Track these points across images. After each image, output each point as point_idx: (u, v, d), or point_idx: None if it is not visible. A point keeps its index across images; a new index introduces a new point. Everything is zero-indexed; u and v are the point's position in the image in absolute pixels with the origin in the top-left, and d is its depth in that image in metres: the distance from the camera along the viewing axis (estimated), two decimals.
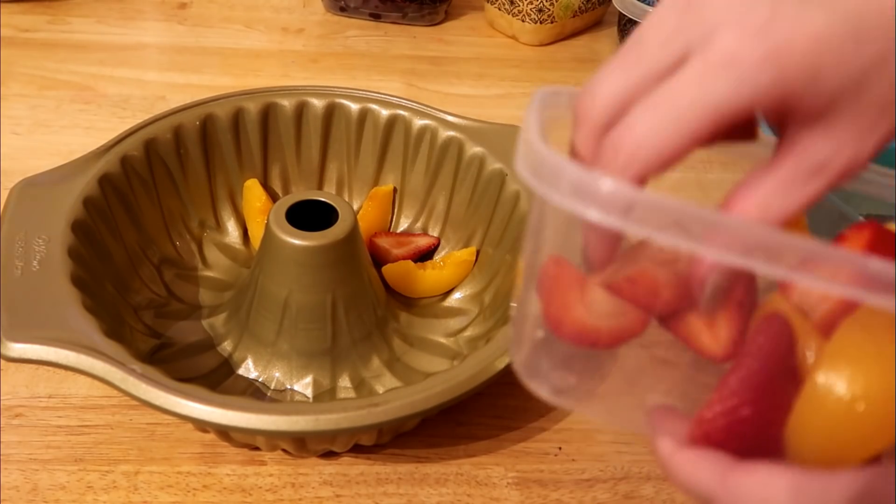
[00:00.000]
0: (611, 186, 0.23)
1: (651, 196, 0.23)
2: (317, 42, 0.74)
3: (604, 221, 0.23)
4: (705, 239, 0.23)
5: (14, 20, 0.72)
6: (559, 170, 0.23)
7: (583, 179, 0.23)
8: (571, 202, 0.23)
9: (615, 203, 0.23)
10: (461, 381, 0.36)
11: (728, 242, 0.23)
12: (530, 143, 0.25)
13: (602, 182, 0.23)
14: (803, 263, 0.22)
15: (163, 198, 0.48)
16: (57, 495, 0.38)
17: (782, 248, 0.23)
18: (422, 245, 0.51)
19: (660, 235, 0.23)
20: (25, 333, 0.36)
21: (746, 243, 0.23)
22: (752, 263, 0.23)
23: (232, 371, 0.43)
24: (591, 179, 0.23)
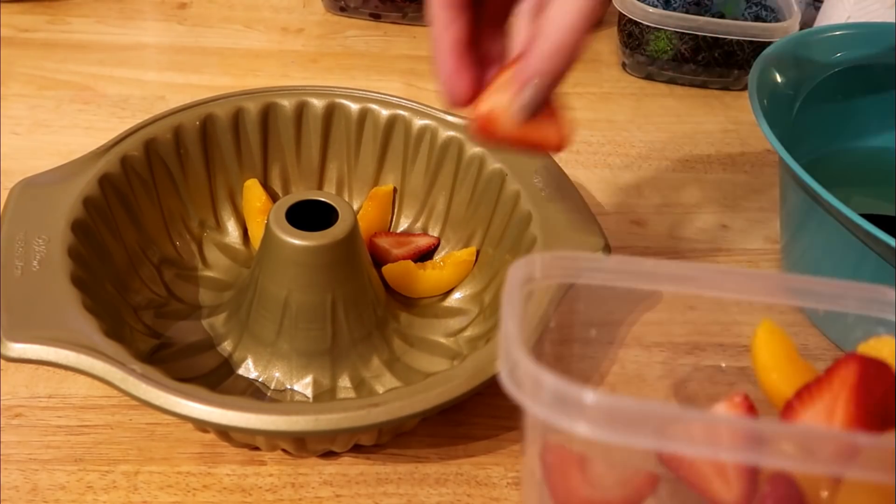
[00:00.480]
0: (593, 399, 0.23)
1: (634, 403, 0.23)
2: (316, 42, 0.74)
3: (592, 436, 0.23)
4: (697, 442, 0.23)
5: (14, 20, 0.72)
6: (540, 381, 0.24)
7: (565, 392, 0.23)
8: (556, 416, 0.23)
9: (598, 415, 0.23)
10: (461, 381, 0.36)
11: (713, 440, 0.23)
12: (512, 354, 0.25)
13: (585, 395, 0.23)
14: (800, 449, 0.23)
15: (163, 198, 0.48)
16: (57, 495, 0.38)
17: (773, 438, 0.23)
18: (422, 245, 0.51)
19: (644, 441, 0.23)
20: (25, 333, 0.36)
21: (735, 439, 0.23)
22: (743, 457, 0.23)
23: (232, 371, 0.43)
24: (574, 392, 0.23)
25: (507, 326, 0.26)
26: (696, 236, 0.57)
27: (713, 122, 0.68)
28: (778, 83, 0.53)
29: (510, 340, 0.25)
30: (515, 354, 0.25)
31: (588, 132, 0.65)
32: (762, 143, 0.64)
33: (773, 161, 0.64)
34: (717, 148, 0.65)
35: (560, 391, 0.23)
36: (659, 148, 0.65)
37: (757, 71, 0.51)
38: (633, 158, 0.63)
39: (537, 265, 0.31)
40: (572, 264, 0.31)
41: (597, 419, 0.23)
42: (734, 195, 0.60)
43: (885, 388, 0.28)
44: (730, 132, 0.67)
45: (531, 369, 0.24)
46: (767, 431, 0.23)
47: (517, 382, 0.24)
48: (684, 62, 0.70)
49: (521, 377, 0.24)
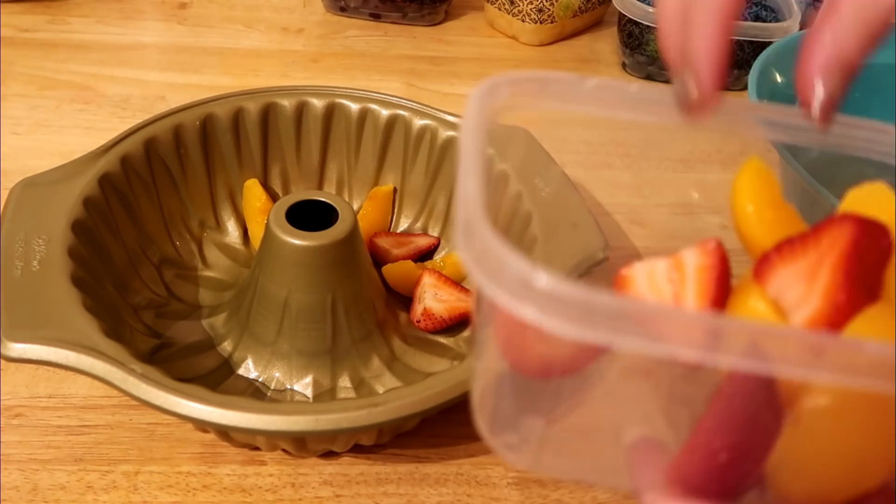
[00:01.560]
0: (547, 282, 0.21)
1: (592, 295, 0.21)
2: (317, 42, 0.74)
3: (541, 322, 0.21)
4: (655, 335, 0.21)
5: (14, 20, 0.72)
6: (494, 256, 0.21)
7: (523, 273, 0.21)
8: (511, 299, 0.21)
9: (552, 301, 0.21)
10: (461, 381, 0.36)
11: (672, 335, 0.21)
12: (471, 222, 0.22)
13: (538, 277, 0.21)
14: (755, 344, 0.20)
15: (163, 198, 0.48)
16: (57, 495, 0.38)
17: (732, 333, 0.21)
18: (422, 245, 0.51)
19: (597, 335, 0.21)
20: (25, 333, 0.36)
21: (693, 335, 0.21)
22: (702, 355, 0.21)
23: (232, 371, 0.43)
24: (528, 273, 0.21)
25: (466, 184, 0.23)
26: (697, 236, 0.56)
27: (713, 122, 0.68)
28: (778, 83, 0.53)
29: (469, 204, 0.22)
30: (472, 216, 0.22)
31: (588, 132, 0.65)
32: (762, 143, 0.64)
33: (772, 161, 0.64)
34: (717, 148, 0.65)
35: (514, 270, 0.21)
36: (659, 148, 0.65)
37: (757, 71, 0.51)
38: (633, 158, 0.63)
39: (502, 90, 0.27)
40: (543, 88, 0.28)
41: (547, 305, 0.21)
42: None
43: (879, 256, 0.25)
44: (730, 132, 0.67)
45: (488, 241, 0.21)
46: (728, 328, 0.21)
47: (470, 248, 0.22)
48: None
49: (475, 245, 0.22)
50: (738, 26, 0.27)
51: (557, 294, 0.20)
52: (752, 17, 0.71)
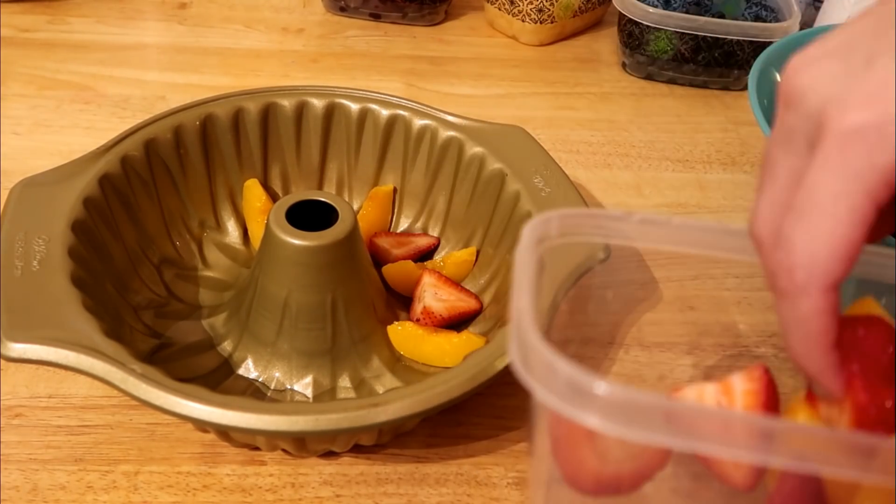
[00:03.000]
0: (605, 390, 0.22)
1: (648, 397, 0.22)
2: (317, 42, 0.74)
3: (602, 429, 0.22)
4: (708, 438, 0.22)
5: (14, 20, 0.72)
6: (553, 369, 0.22)
7: (577, 380, 0.22)
8: (567, 406, 0.22)
9: (610, 407, 0.22)
10: (461, 381, 0.36)
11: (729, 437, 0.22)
12: (524, 335, 0.23)
13: (596, 385, 0.22)
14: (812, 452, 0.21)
15: (163, 198, 0.48)
16: (57, 495, 0.38)
17: (784, 437, 0.22)
18: (422, 245, 0.51)
19: (655, 437, 0.22)
20: (25, 333, 0.36)
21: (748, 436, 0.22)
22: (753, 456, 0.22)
23: (232, 371, 0.43)
24: (586, 381, 0.22)
25: (519, 299, 0.24)
26: None
27: (713, 122, 0.68)
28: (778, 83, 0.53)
29: (522, 317, 0.24)
30: (528, 336, 0.23)
31: (588, 132, 0.65)
32: (762, 143, 0.64)
33: None
34: (717, 148, 0.65)
35: (573, 380, 0.22)
36: (659, 148, 0.65)
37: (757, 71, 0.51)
38: (633, 158, 0.63)
39: (553, 223, 0.29)
40: (591, 222, 0.29)
41: (608, 411, 0.22)
42: (734, 195, 0.60)
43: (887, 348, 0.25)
44: (730, 132, 0.67)
45: (544, 354, 0.22)
46: (779, 430, 0.22)
47: (528, 366, 0.23)
48: (684, 62, 0.70)
49: (531, 361, 0.23)
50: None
51: (617, 400, 0.21)
52: (752, 17, 0.71)
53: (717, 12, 0.71)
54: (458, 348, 0.43)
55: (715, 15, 0.70)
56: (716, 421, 0.22)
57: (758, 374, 0.28)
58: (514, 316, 0.25)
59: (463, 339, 0.44)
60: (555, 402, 0.22)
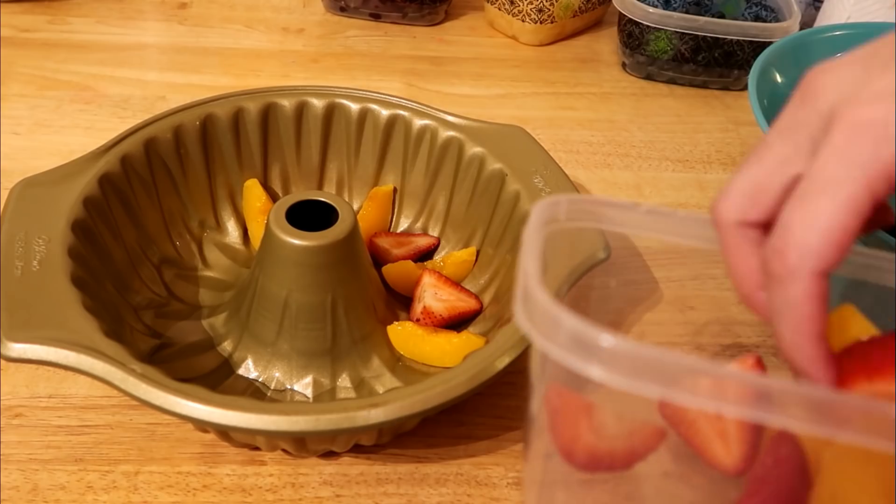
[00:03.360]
0: (611, 342, 0.22)
1: (651, 351, 0.22)
2: (317, 42, 0.74)
3: (605, 380, 0.22)
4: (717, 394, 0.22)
5: (14, 20, 0.72)
6: (557, 321, 0.23)
7: (583, 333, 0.22)
8: (570, 357, 0.23)
9: (615, 360, 0.22)
10: (461, 381, 0.36)
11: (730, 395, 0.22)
12: (530, 291, 0.24)
13: (602, 337, 0.22)
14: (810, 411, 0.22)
15: (163, 198, 0.48)
16: (57, 495, 0.38)
17: (783, 397, 0.22)
18: (422, 245, 0.51)
19: (662, 390, 0.22)
20: (25, 333, 0.36)
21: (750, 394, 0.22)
22: (750, 413, 0.22)
23: (232, 371, 0.43)
24: (591, 334, 0.22)
25: (526, 264, 0.25)
26: None
27: (713, 122, 0.68)
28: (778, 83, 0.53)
29: (528, 277, 0.24)
30: (533, 291, 0.24)
31: (588, 132, 0.65)
32: None
33: None
34: (717, 148, 0.65)
35: (577, 332, 0.22)
36: (659, 148, 0.65)
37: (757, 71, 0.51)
38: (633, 158, 0.63)
39: (562, 206, 0.29)
40: (599, 209, 0.30)
41: (612, 364, 0.22)
42: None
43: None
44: (730, 132, 0.67)
45: (548, 306, 0.23)
46: (774, 388, 0.22)
47: (532, 319, 0.24)
48: (684, 62, 0.70)
49: (536, 314, 0.23)
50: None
51: (621, 352, 0.22)
52: (752, 17, 0.71)
53: (717, 12, 0.71)
54: (458, 348, 0.43)
55: (715, 15, 0.70)
56: (713, 377, 0.22)
57: (750, 364, 0.29)
58: (520, 277, 0.25)
59: (463, 339, 0.44)
60: (559, 353, 0.23)
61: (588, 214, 0.30)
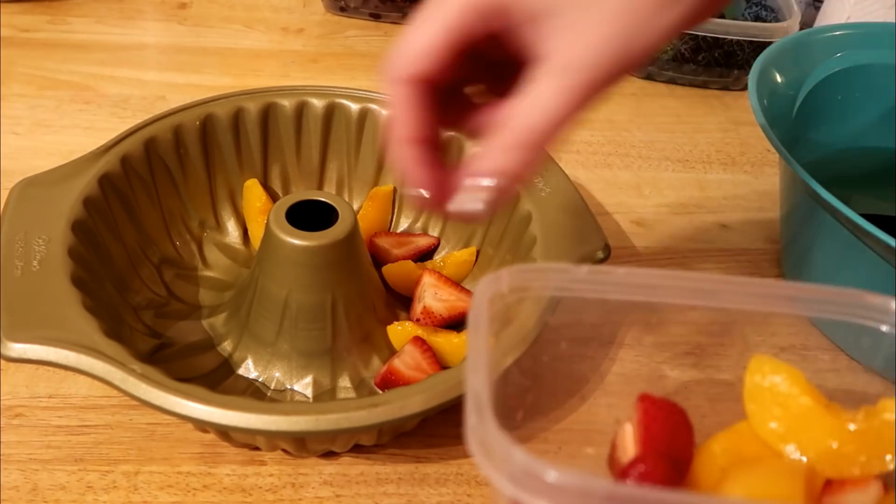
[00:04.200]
0: (555, 477, 0.23)
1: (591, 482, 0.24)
2: (317, 42, 0.74)
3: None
4: None
5: (14, 20, 0.72)
6: (508, 454, 0.24)
7: (531, 467, 0.23)
8: (520, 491, 0.24)
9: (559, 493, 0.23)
10: (461, 381, 0.36)
11: None
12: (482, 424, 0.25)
13: (548, 473, 0.23)
14: None
15: (163, 198, 0.48)
16: (57, 495, 0.38)
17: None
18: (422, 245, 0.51)
19: None
20: (25, 333, 0.36)
21: None
22: None
23: (232, 371, 0.43)
24: (538, 469, 0.23)
25: (475, 381, 0.26)
26: (696, 236, 0.57)
27: (713, 122, 0.68)
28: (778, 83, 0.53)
29: (480, 400, 0.25)
30: (485, 424, 0.25)
31: (588, 132, 0.65)
32: (762, 143, 0.64)
33: (773, 161, 0.64)
34: (717, 148, 0.65)
35: (527, 467, 0.24)
36: (659, 148, 0.65)
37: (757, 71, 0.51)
38: (633, 158, 0.63)
39: (504, 280, 0.30)
40: (541, 276, 0.31)
41: (558, 496, 0.23)
42: (734, 195, 0.60)
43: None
44: (730, 132, 0.67)
45: (498, 439, 0.24)
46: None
47: (486, 453, 0.24)
48: (684, 62, 0.70)
49: (489, 447, 0.24)
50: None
51: (566, 485, 0.23)
52: (752, 17, 0.71)
53: None
54: (458, 348, 0.43)
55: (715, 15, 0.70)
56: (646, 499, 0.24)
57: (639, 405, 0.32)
58: (469, 397, 0.25)
59: (463, 339, 0.44)
60: (510, 488, 0.24)
61: (532, 283, 0.31)
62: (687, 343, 0.48)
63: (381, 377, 0.42)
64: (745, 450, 0.32)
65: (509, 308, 0.30)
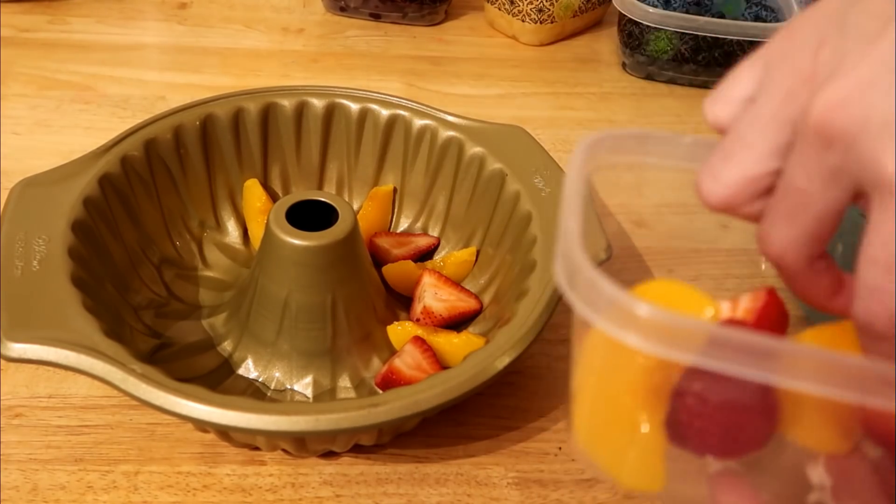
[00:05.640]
0: (647, 311, 0.23)
1: (687, 321, 0.23)
2: (317, 42, 0.74)
3: (643, 348, 0.23)
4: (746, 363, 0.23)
5: (14, 20, 0.72)
6: (598, 288, 0.23)
7: (621, 301, 0.23)
8: (609, 324, 0.23)
9: (652, 328, 0.23)
10: (461, 381, 0.36)
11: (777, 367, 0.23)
12: (570, 254, 0.24)
13: (639, 307, 0.23)
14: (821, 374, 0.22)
15: (163, 198, 0.48)
16: (57, 495, 0.38)
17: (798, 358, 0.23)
18: (422, 245, 0.51)
19: (699, 359, 0.23)
20: (25, 333, 0.36)
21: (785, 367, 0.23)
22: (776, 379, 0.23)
23: (232, 371, 0.43)
24: (629, 302, 0.23)
25: (567, 221, 0.25)
26: (697, 236, 0.57)
27: None
28: None
29: (569, 238, 0.24)
30: (574, 256, 0.24)
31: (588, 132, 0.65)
32: None
33: None
34: None
35: (616, 301, 0.23)
36: None
37: None
38: None
39: (606, 143, 0.29)
40: (643, 145, 0.30)
41: (648, 331, 0.23)
42: None
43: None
44: None
45: (590, 274, 0.23)
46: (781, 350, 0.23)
47: (573, 286, 0.24)
48: (684, 62, 0.70)
49: (577, 281, 0.24)
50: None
51: (657, 320, 0.23)
52: (752, 17, 0.71)
53: (717, 12, 0.71)
54: (458, 348, 0.43)
55: (715, 15, 0.70)
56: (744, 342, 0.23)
57: (761, 296, 0.29)
58: (560, 236, 0.25)
59: (463, 339, 0.44)
60: (599, 321, 0.23)
61: (632, 152, 0.30)
62: None
63: (381, 377, 0.42)
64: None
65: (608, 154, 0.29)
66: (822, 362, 0.22)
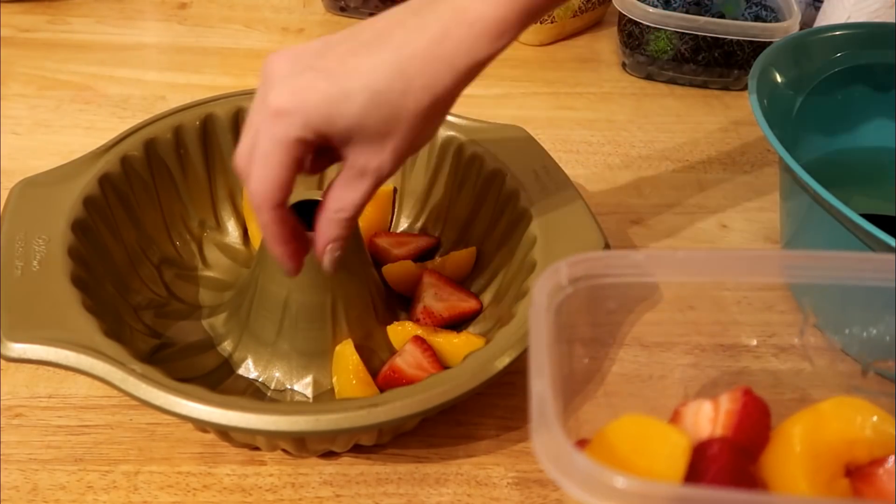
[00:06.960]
0: (624, 483, 0.24)
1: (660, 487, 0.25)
2: None
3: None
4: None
5: (14, 20, 0.72)
6: (574, 461, 0.25)
7: (598, 475, 0.24)
8: (589, 496, 0.25)
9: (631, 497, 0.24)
10: (461, 381, 0.36)
11: None
12: (546, 430, 0.25)
13: (616, 479, 0.24)
14: None
15: (163, 198, 0.48)
16: (57, 495, 0.38)
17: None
18: (422, 245, 0.51)
19: None
20: (25, 333, 0.36)
21: None
22: None
23: (232, 371, 0.43)
24: (607, 476, 0.24)
25: (538, 384, 0.27)
26: (696, 236, 0.57)
27: (713, 122, 0.68)
28: (778, 83, 0.53)
29: (545, 407, 0.26)
30: (553, 431, 0.25)
31: (588, 132, 0.65)
32: (762, 143, 0.64)
33: (773, 161, 0.64)
34: (717, 148, 0.65)
35: (593, 474, 0.25)
36: (659, 148, 0.65)
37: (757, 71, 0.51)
38: (633, 158, 0.63)
39: (563, 272, 0.31)
40: (601, 264, 0.31)
41: (625, 501, 0.24)
42: (734, 195, 0.60)
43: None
44: (730, 132, 0.67)
45: (566, 449, 0.25)
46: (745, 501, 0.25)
47: (554, 461, 0.25)
48: (684, 62, 0.70)
49: (558, 455, 0.25)
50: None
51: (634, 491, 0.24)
52: (752, 17, 0.71)
53: (717, 12, 0.71)
54: (458, 348, 0.43)
55: (715, 15, 0.70)
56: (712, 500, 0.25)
57: (738, 395, 0.32)
58: (534, 403, 0.26)
59: (463, 339, 0.44)
60: (581, 494, 0.25)
61: (588, 273, 0.32)
62: (686, 343, 0.48)
63: (382, 376, 0.42)
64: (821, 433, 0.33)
65: (570, 300, 0.31)
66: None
